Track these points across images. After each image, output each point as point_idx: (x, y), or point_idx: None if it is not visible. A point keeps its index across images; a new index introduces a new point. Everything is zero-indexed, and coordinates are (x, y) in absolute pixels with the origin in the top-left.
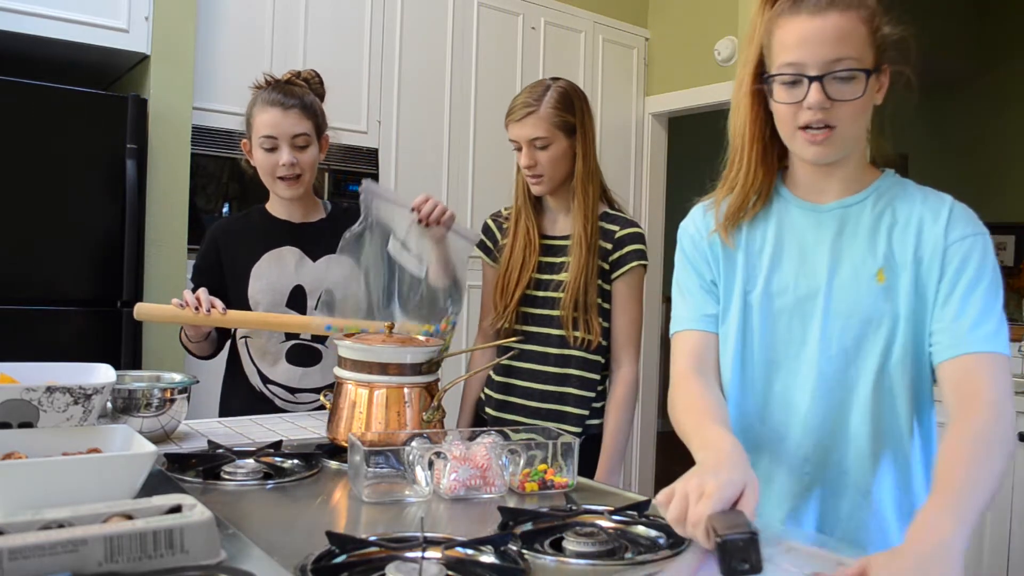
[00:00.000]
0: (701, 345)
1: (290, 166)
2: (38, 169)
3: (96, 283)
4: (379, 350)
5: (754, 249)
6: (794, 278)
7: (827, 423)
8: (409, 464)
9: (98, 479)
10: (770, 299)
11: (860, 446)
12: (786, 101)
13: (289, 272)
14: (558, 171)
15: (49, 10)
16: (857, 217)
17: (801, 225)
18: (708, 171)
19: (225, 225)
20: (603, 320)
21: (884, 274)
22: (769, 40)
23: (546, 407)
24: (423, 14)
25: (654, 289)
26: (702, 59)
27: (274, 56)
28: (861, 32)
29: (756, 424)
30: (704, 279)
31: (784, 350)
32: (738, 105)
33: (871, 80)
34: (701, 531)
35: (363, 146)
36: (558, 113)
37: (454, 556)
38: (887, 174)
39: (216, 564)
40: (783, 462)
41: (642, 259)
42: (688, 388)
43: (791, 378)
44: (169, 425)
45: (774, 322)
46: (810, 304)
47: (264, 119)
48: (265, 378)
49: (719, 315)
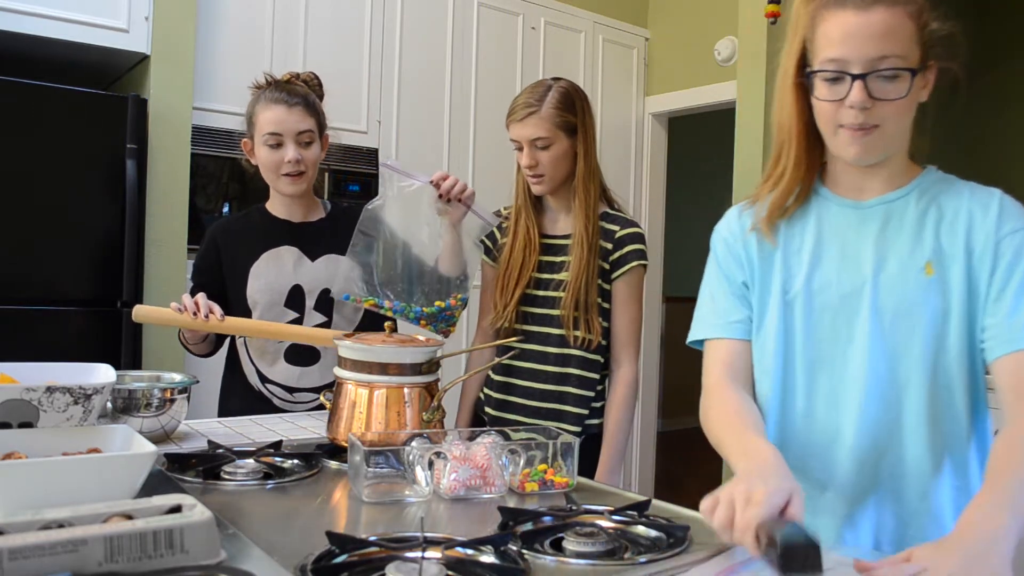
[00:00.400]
0: (733, 354)
1: (295, 163)
2: (38, 169)
3: (96, 283)
4: (379, 350)
5: (793, 248)
6: (837, 275)
7: (882, 423)
8: (409, 464)
9: (98, 479)
10: (811, 297)
11: (918, 447)
12: (827, 98)
13: (287, 272)
14: (559, 171)
15: (49, 10)
16: (901, 212)
17: (842, 222)
18: (708, 171)
19: (225, 224)
20: (603, 320)
21: (933, 267)
22: (812, 32)
23: (546, 406)
24: (423, 14)
25: (654, 289)
26: (702, 59)
27: (274, 56)
28: (908, 28)
29: (803, 427)
30: (734, 283)
31: (829, 348)
32: (783, 97)
33: (916, 78)
34: (750, 537)
35: (363, 146)
36: (559, 113)
37: (454, 556)
38: (929, 170)
39: (216, 564)
40: (836, 466)
41: (642, 259)
42: (722, 396)
43: (839, 377)
44: (169, 425)
45: (817, 320)
46: (855, 300)
47: (268, 116)
48: (264, 377)
49: (754, 319)
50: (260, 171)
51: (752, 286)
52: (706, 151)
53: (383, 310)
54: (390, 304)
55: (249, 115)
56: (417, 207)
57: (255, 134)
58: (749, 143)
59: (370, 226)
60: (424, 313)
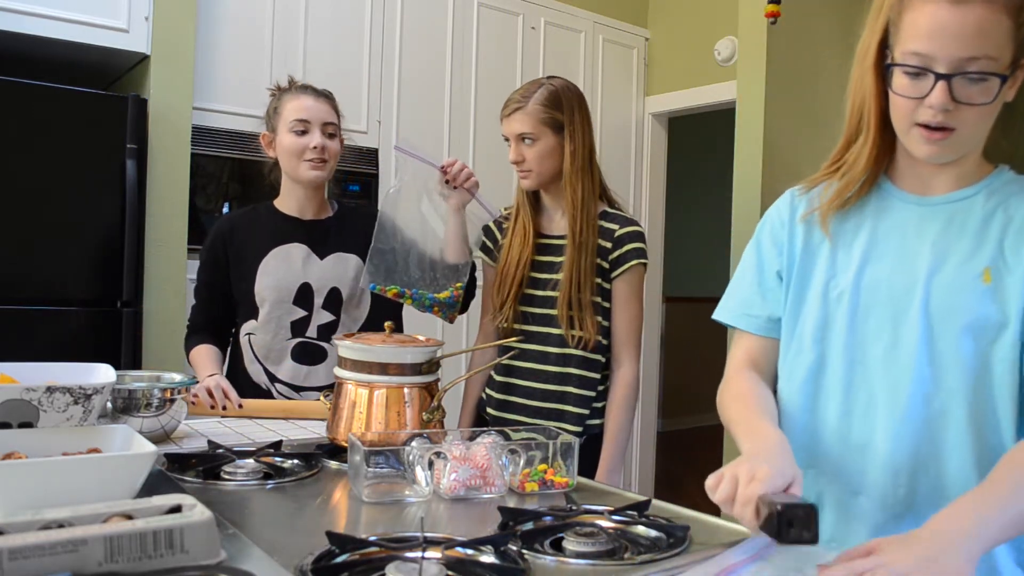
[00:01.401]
0: (756, 350)
1: (320, 149)
2: (38, 169)
3: (96, 283)
4: (379, 350)
5: (844, 241)
6: (889, 273)
7: (922, 433)
8: (409, 464)
9: (98, 479)
10: (858, 294)
11: (961, 460)
12: (906, 94)
13: (296, 269)
14: (545, 167)
15: (49, 10)
16: (966, 213)
17: (903, 218)
18: (708, 171)
19: (231, 220)
20: (603, 319)
21: (991, 274)
22: (898, 16)
23: (547, 406)
24: (423, 14)
25: (654, 289)
26: (702, 59)
27: (274, 56)
28: (1004, 27)
29: (837, 429)
30: (766, 272)
31: (871, 350)
32: (861, 79)
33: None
34: (750, 510)
35: (363, 146)
36: (545, 110)
37: (454, 556)
38: (1001, 169)
39: (216, 564)
40: (871, 474)
41: (642, 258)
42: (739, 380)
43: (879, 381)
44: (169, 425)
45: (862, 319)
46: (904, 302)
47: (296, 104)
48: (272, 376)
49: (787, 312)
50: (280, 160)
51: (788, 277)
52: (706, 151)
53: (404, 299)
54: (410, 292)
55: (272, 108)
56: (431, 192)
57: (279, 124)
58: (749, 143)
59: (390, 212)
60: (437, 300)
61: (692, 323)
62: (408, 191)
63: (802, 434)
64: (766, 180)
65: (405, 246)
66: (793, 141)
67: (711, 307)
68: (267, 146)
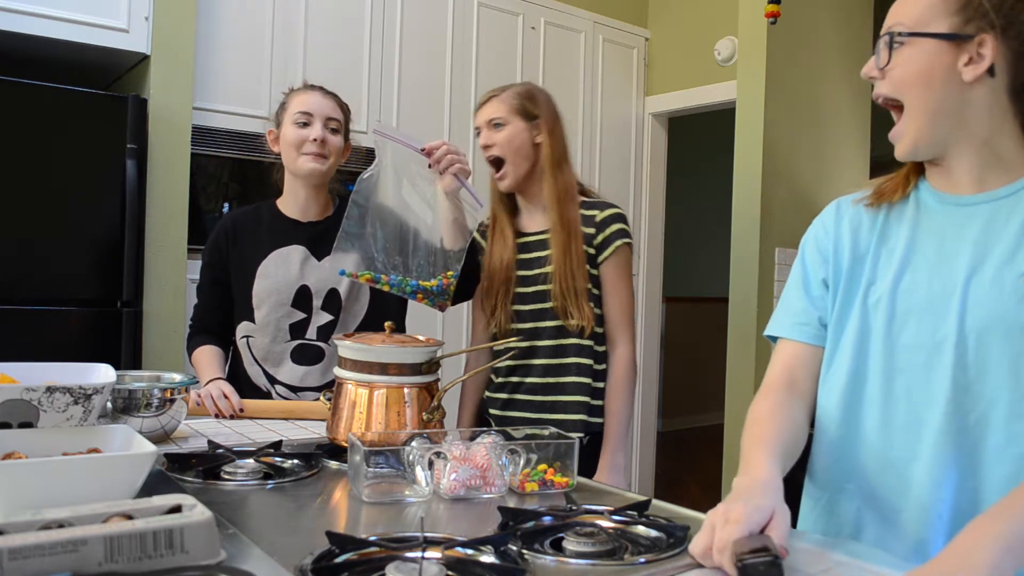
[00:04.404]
0: (796, 358)
1: (320, 143)
2: (38, 169)
3: (96, 283)
4: (379, 350)
5: (886, 247)
6: (927, 277)
7: (964, 443)
8: (409, 464)
9: (98, 479)
10: (895, 299)
11: (1005, 471)
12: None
13: (294, 272)
14: (518, 156)
15: (49, 10)
16: (1009, 212)
17: (941, 219)
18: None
19: (234, 219)
20: (595, 306)
21: None
22: None
23: (549, 399)
24: (423, 14)
25: (654, 289)
26: (702, 59)
27: (274, 56)
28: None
29: (875, 442)
30: (812, 282)
31: (910, 356)
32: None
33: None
34: (727, 557)
35: (363, 146)
36: (518, 98)
37: (454, 556)
38: None
39: (216, 564)
40: (910, 488)
41: (625, 237)
42: (763, 402)
43: (918, 390)
44: (169, 425)
45: (899, 325)
46: (942, 306)
47: (302, 98)
48: (272, 378)
49: (833, 322)
50: (282, 155)
51: (836, 285)
52: (706, 151)
53: (380, 284)
54: (387, 279)
55: (281, 104)
56: (412, 176)
57: (284, 117)
58: (749, 143)
59: (364, 197)
60: (421, 287)
61: (692, 323)
62: (386, 176)
63: (839, 448)
64: (766, 180)
65: (384, 232)
66: (793, 141)
67: (711, 307)
68: (272, 142)
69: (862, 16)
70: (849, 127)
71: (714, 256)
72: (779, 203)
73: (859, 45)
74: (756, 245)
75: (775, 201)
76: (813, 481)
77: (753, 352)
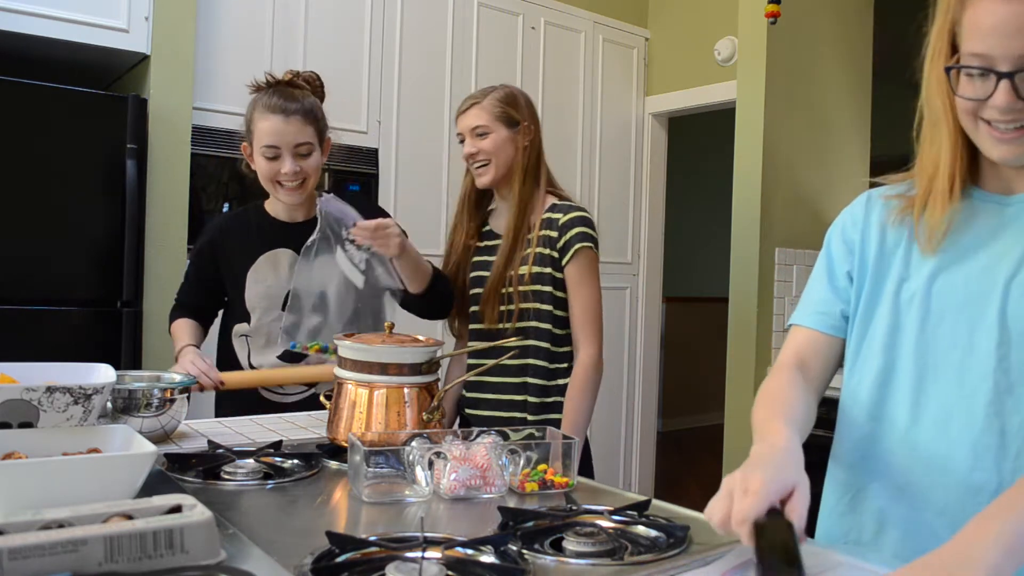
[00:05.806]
0: (806, 343)
1: (293, 175)
2: (38, 169)
3: (96, 283)
4: (379, 350)
5: (922, 243)
6: (965, 277)
7: (999, 447)
8: (409, 464)
9: (98, 479)
10: (930, 298)
11: None
12: (970, 96)
13: (283, 276)
14: (501, 157)
15: (49, 10)
16: None
17: (981, 219)
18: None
19: (221, 224)
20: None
21: None
22: (960, 16)
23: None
24: (423, 14)
25: (654, 289)
26: (702, 59)
27: (274, 56)
28: None
29: (906, 442)
30: (836, 273)
31: (944, 357)
32: (931, 80)
33: None
34: (746, 530)
35: (363, 146)
36: (500, 105)
37: (454, 556)
38: None
39: (216, 564)
40: (944, 491)
41: (587, 241)
42: (776, 378)
43: (953, 391)
44: (169, 425)
45: (934, 324)
46: (980, 306)
47: (265, 127)
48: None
49: (858, 316)
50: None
51: (861, 279)
52: (706, 151)
53: (329, 353)
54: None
55: (248, 120)
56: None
57: (253, 142)
58: (749, 143)
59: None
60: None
61: (692, 323)
62: (323, 244)
63: (865, 444)
64: (766, 180)
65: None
66: (793, 141)
67: (711, 307)
68: (248, 157)
69: (862, 16)
70: (849, 127)
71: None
72: (779, 203)
73: (859, 45)
74: (756, 245)
75: (775, 201)
76: (837, 475)
77: (753, 352)
